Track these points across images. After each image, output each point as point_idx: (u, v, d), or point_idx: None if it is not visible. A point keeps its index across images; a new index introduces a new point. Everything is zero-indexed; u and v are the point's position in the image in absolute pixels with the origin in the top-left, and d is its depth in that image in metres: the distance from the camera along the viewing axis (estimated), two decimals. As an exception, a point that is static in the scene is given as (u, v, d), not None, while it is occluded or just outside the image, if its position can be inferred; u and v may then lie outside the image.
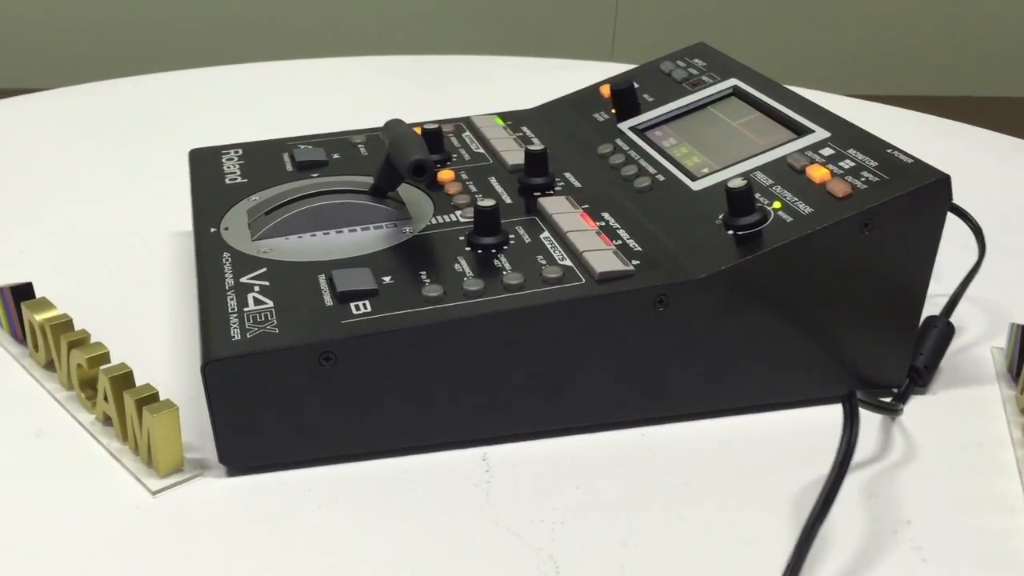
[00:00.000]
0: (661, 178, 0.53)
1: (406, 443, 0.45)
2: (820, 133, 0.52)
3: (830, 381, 0.49)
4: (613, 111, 0.61)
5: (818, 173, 0.49)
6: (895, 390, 0.50)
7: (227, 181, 0.57)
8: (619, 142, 0.58)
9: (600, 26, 2.49)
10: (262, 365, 0.41)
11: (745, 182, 0.47)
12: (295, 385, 0.42)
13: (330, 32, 2.40)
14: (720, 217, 0.48)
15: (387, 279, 0.46)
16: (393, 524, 0.41)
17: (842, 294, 0.47)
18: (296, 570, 0.38)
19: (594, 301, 0.44)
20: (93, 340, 0.46)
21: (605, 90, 0.64)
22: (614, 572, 0.39)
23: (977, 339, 0.56)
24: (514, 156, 0.58)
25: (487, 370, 0.44)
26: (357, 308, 0.44)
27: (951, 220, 0.49)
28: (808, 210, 0.47)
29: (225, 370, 0.41)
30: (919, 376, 0.51)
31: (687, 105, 0.60)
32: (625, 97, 0.61)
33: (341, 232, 0.50)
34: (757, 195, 0.48)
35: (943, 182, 0.46)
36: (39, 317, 0.48)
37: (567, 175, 0.56)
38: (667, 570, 0.39)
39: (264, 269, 0.47)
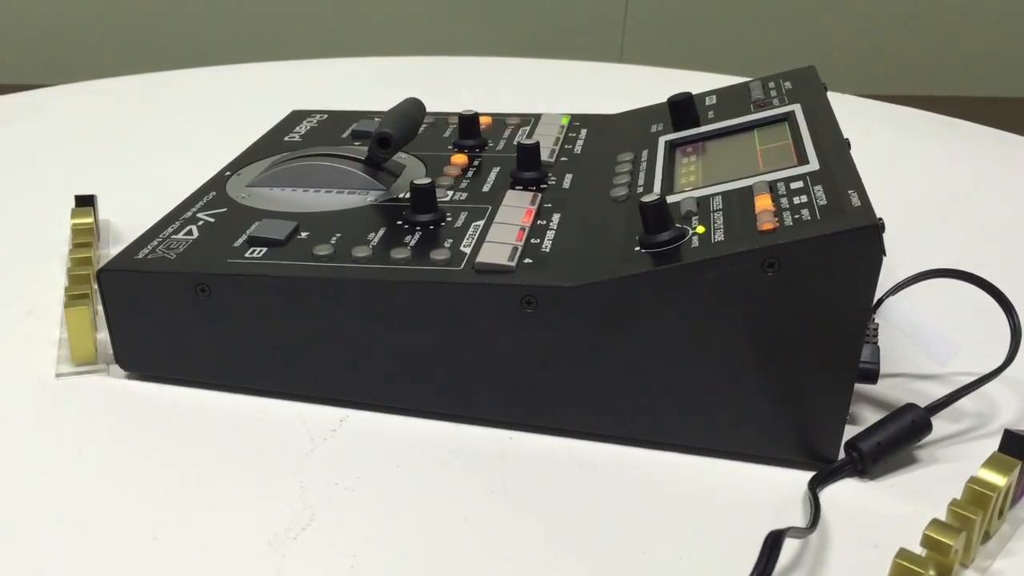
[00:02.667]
0: (640, 190, 0.50)
1: (273, 387, 0.47)
2: (811, 166, 0.46)
3: (744, 436, 0.43)
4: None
5: (761, 203, 0.43)
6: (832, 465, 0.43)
7: (285, 139, 0.63)
8: (645, 153, 0.55)
9: (610, 28, 2.41)
10: (144, 283, 0.46)
11: (657, 198, 0.43)
12: (175, 308, 0.46)
13: (336, 33, 2.41)
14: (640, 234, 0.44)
15: (304, 235, 0.48)
16: (207, 449, 0.44)
17: (751, 341, 0.41)
18: (119, 466, 0.43)
19: (456, 288, 0.43)
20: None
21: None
22: (350, 547, 0.39)
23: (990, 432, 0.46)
24: (541, 153, 0.57)
25: (348, 334, 0.45)
26: (253, 252, 0.47)
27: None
28: (719, 239, 0.42)
29: (114, 280, 0.46)
30: (860, 460, 0.43)
31: (735, 125, 0.55)
32: (680, 110, 0.58)
33: (319, 192, 0.53)
34: (695, 216, 0.44)
35: (869, 231, 0.39)
36: (73, 220, 0.57)
37: (567, 175, 0.54)
38: (403, 556, 0.38)
39: (224, 209, 0.52)
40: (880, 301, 0.48)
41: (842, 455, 0.43)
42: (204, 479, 0.42)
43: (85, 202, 0.59)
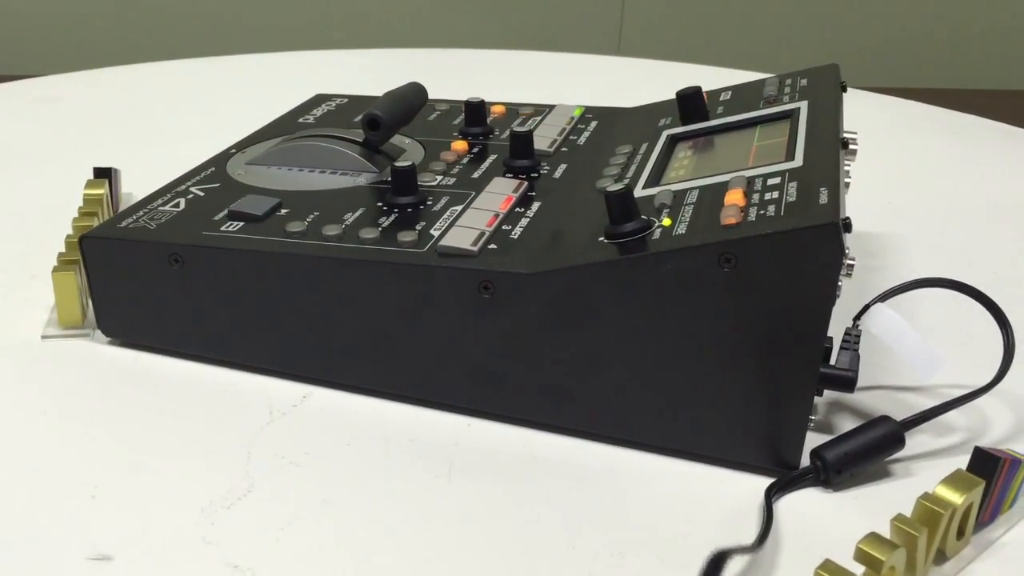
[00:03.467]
0: (626, 182, 0.49)
1: (241, 359, 0.48)
2: (795, 163, 0.45)
3: (703, 437, 0.42)
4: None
5: (731, 198, 0.42)
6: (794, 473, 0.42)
7: (300, 120, 0.63)
8: (645, 146, 0.54)
9: (607, 20, 2.40)
10: (123, 251, 0.47)
11: (622, 188, 0.42)
12: (151, 278, 0.47)
13: (334, 25, 2.42)
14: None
15: (283, 212, 0.49)
16: (166, 416, 0.45)
17: (708, 339, 0.40)
18: (77, 426, 0.44)
19: (415, 270, 0.43)
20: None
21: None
22: (280, 520, 0.39)
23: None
24: (541, 142, 0.56)
25: (312, 311, 0.45)
26: (229, 226, 0.47)
27: None
28: (681, 232, 0.41)
29: (95, 247, 0.47)
30: (824, 469, 0.41)
31: (740, 121, 0.54)
32: (688, 104, 0.56)
33: (313, 171, 0.54)
34: (667, 209, 0.43)
35: (828, 228, 0.37)
36: (85, 190, 0.58)
37: (561, 166, 0.54)
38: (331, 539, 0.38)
39: (217, 185, 0.53)
40: (867, 307, 0.46)
41: (808, 463, 0.42)
42: (155, 444, 0.43)
43: (102, 174, 0.61)
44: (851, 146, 0.55)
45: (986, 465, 0.39)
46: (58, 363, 0.48)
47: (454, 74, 0.69)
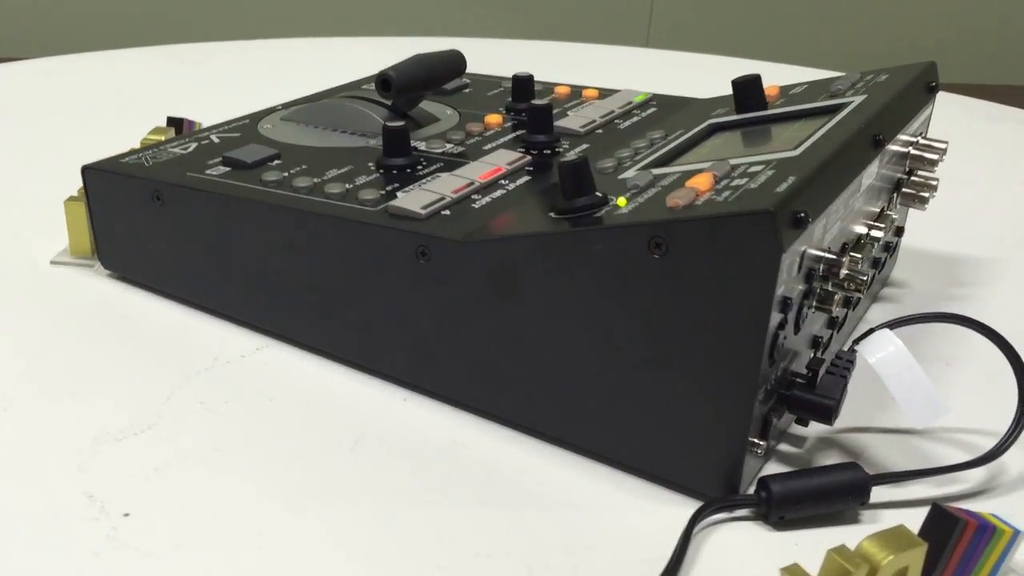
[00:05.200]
0: (627, 164, 0.45)
1: (208, 304, 0.47)
2: (791, 153, 0.39)
3: (634, 447, 0.37)
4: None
5: (696, 181, 0.37)
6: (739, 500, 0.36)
7: (364, 85, 0.63)
8: (681, 132, 0.49)
9: (636, 11, 2.31)
10: (116, 185, 0.48)
11: (575, 159, 0.38)
12: (137, 213, 0.47)
13: (370, 11, 2.36)
14: (567, 198, 0.39)
15: (274, 163, 0.48)
16: (115, 347, 0.45)
17: (638, 334, 0.35)
18: (26, 349, 0.45)
19: (356, 227, 0.41)
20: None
21: (770, 90, 0.54)
22: (163, 459, 0.38)
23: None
24: (574, 122, 0.53)
25: (269, 262, 0.44)
26: (216, 170, 0.47)
27: None
28: (624, 211, 0.36)
29: (95, 178, 0.48)
30: (766, 503, 0.35)
31: (787, 112, 0.48)
32: (742, 93, 0.51)
33: (335, 131, 0.53)
34: (635, 189, 0.39)
35: (762, 217, 0.32)
36: (146, 136, 0.60)
37: (582, 145, 0.50)
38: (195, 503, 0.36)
39: (238, 135, 0.53)
40: (870, 331, 0.39)
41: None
42: (87, 370, 0.43)
43: (174, 123, 0.63)
44: (917, 152, 0.48)
45: (940, 526, 0.32)
46: (49, 288, 0.50)
47: (481, 66, 0.67)
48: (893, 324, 0.40)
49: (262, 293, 0.45)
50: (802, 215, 0.33)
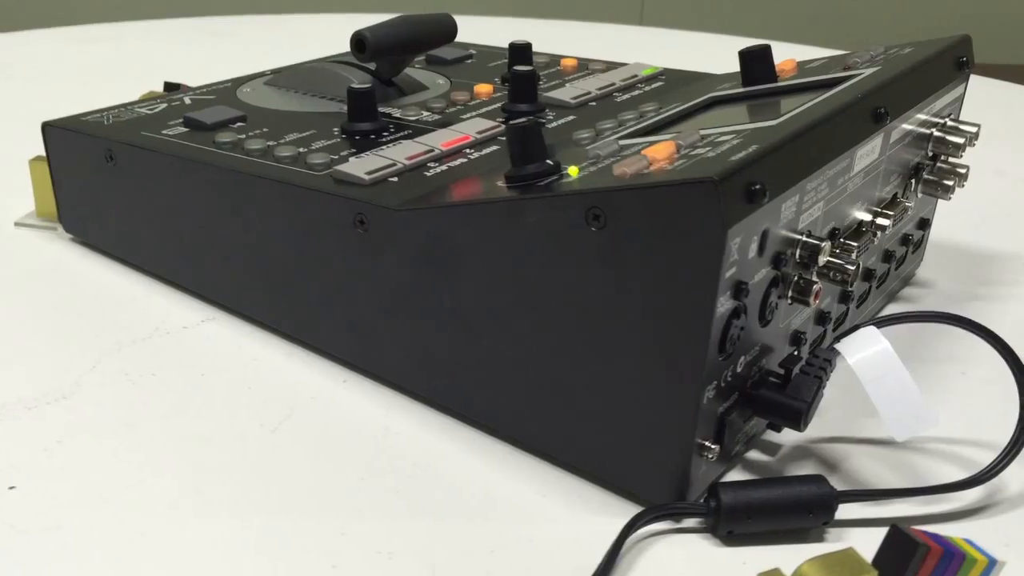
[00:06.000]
0: (607, 135, 0.41)
1: (157, 271, 0.45)
2: (770, 123, 0.34)
3: (572, 443, 0.34)
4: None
5: (655, 150, 0.33)
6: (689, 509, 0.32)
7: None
8: (676, 105, 0.45)
9: None
10: (72, 143, 0.46)
11: (528, 122, 0.34)
12: (91, 174, 0.45)
13: None
14: (521, 165, 0.36)
15: (238, 124, 0.45)
16: (55, 312, 0.43)
17: (576, 316, 0.32)
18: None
19: (295, 192, 0.38)
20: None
21: (784, 65, 0.49)
22: (67, 431, 0.35)
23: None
24: (567, 93, 0.49)
25: (214, 228, 0.42)
26: (173, 130, 0.45)
27: None
28: (571, 180, 0.32)
29: (54, 136, 0.46)
30: (715, 513, 0.31)
31: (796, 84, 0.43)
32: (749, 64, 0.46)
33: (313, 97, 0.50)
34: (596, 159, 0.35)
35: (703, 186, 0.28)
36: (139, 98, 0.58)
37: (568, 117, 0.46)
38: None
39: (212, 97, 0.50)
40: (856, 328, 0.35)
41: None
42: (18, 336, 0.41)
43: (171, 88, 0.61)
44: (940, 133, 0.43)
45: (899, 551, 0.27)
46: (6, 251, 0.48)
47: (475, 43, 0.65)
48: (881, 322, 0.35)
49: (210, 262, 0.42)
50: (757, 187, 0.29)
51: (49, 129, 0.47)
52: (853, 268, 0.35)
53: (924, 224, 0.47)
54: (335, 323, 0.39)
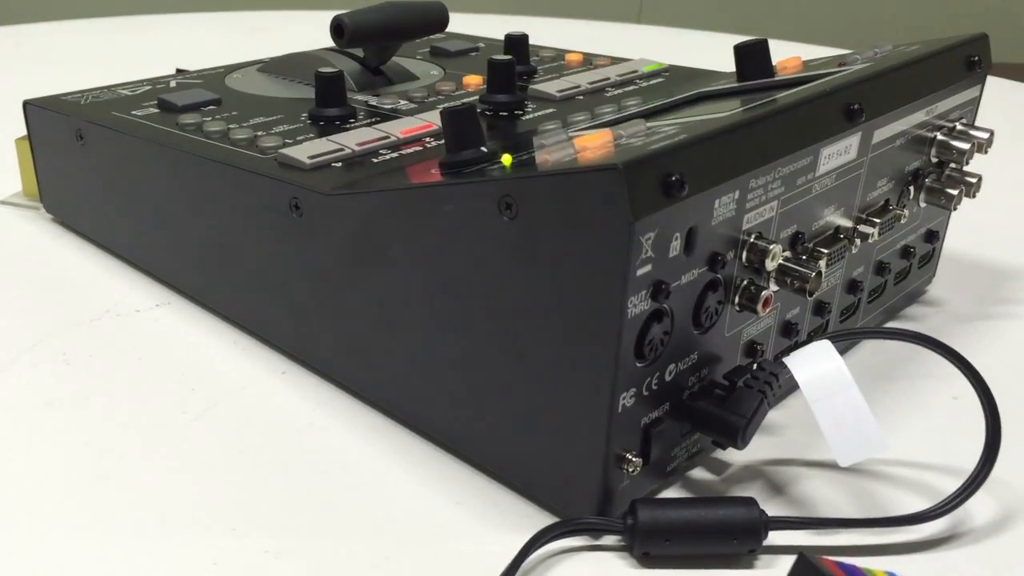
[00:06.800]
0: (575, 129, 0.38)
1: (123, 252, 0.45)
2: (721, 114, 0.32)
3: (492, 449, 0.32)
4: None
5: (588, 139, 0.30)
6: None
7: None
8: (661, 100, 0.42)
9: None
10: (49, 122, 0.45)
11: (462, 106, 0.32)
12: (64, 153, 0.45)
13: None
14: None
15: (209, 107, 0.44)
16: (11, 289, 0.42)
17: (491, 312, 0.30)
18: None
19: (235, 173, 0.37)
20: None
21: (789, 62, 0.46)
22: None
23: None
24: (554, 86, 0.47)
25: (168, 209, 0.41)
26: (143, 111, 0.44)
27: None
28: (496, 164, 0.30)
29: (35, 115, 0.46)
30: (631, 530, 0.29)
31: (786, 80, 0.40)
32: (744, 59, 0.43)
33: (301, 83, 0.49)
34: (537, 149, 0.33)
35: (608, 175, 0.25)
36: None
37: (547, 110, 0.44)
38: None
39: (199, 82, 0.50)
40: (808, 340, 0.32)
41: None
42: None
43: (181, 73, 0.61)
44: (944, 138, 0.40)
45: (806, 584, 0.24)
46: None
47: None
48: (839, 336, 0.32)
49: (165, 245, 0.42)
50: (674, 178, 0.26)
51: (29, 107, 0.47)
52: (813, 275, 0.32)
53: (932, 237, 0.44)
54: (276, 311, 0.38)
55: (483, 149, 0.32)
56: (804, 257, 0.34)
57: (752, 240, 0.31)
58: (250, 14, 0.98)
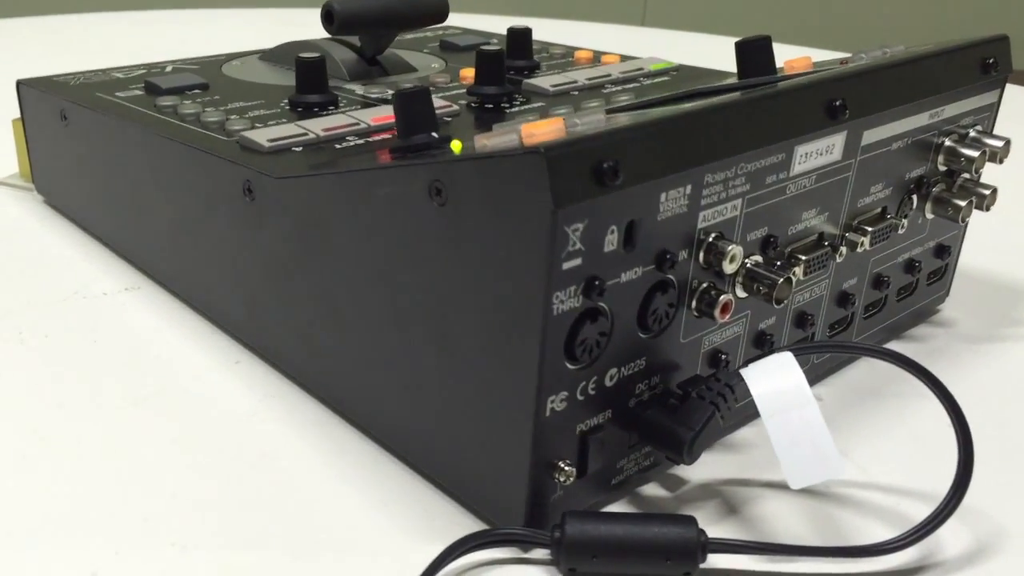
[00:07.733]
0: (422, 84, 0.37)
1: (100, 234, 0.44)
2: (682, 108, 0.30)
3: (427, 452, 0.30)
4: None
5: (540, 125, 0.28)
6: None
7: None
8: (654, 96, 0.40)
9: None
10: (38, 102, 0.45)
11: (412, 88, 0.31)
12: (50, 133, 0.45)
13: None
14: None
15: (196, 91, 0.44)
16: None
17: (421, 302, 0.28)
18: None
19: (194, 154, 0.36)
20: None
21: (798, 62, 0.44)
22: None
23: None
24: (549, 81, 0.45)
25: (139, 189, 0.40)
26: (127, 93, 0.43)
27: None
28: (445, 150, 0.29)
29: (27, 95, 0.46)
30: (558, 544, 0.27)
31: (783, 78, 0.38)
32: (744, 55, 0.41)
33: (291, 70, 0.48)
34: (498, 128, 0.31)
35: (531, 159, 0.24)
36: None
37: (536, 104, 0.42)
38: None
39: (195, 67, 0.49)
40: (769, 352, 0.29)
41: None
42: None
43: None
44: (951, 144, 0.37)
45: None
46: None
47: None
48: (804, 349, 0.30)
49: (136, 228, 0.41)
50: (607, 165, 0.24)
51: (22, 87, 0.46)
52: (781, 281, 0.30)
53: (943, 252, 0.41)
54: (232, 298, 0.37)
55: (434, 135, 0.31)
56: (779, 263, 0.31)
57: (710, 240, 0.28)
58: (282, 11, 0.98)
